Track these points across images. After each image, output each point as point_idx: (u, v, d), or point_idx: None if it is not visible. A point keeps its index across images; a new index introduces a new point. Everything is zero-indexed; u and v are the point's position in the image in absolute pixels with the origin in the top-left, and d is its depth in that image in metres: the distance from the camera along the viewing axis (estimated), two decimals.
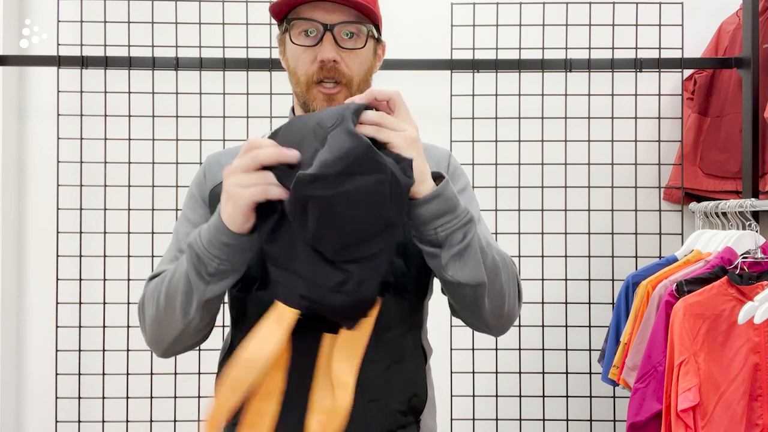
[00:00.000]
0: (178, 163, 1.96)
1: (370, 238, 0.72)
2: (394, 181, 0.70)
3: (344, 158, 0.68)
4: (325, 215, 0.70)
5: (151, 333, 0.90)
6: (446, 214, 0.78)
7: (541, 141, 1.98)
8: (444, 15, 2.01)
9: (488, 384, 1.96)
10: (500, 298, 0.87)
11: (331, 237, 0.72)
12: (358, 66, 0.94)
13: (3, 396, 1.99)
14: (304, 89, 0.94)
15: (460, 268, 0.81)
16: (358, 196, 0.69)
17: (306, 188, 0.69)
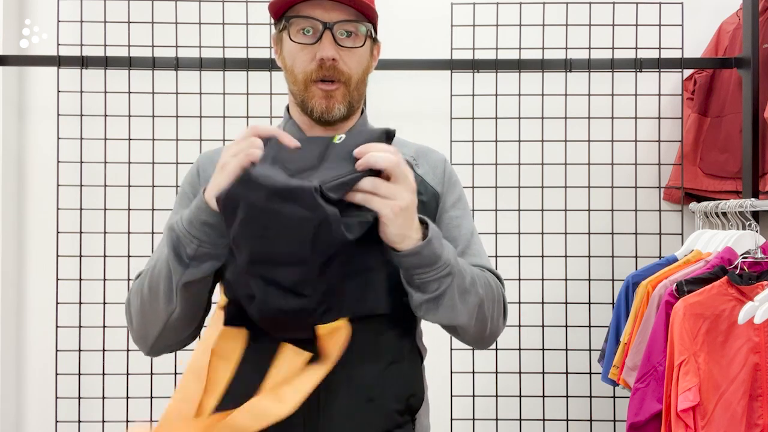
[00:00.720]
0: (178, 163, 1.96)
1: (278, 264, 0.74)
2: (324, 227, 0.72)
3: (289, 186, 0.72)
4: (247, 221, 0.73)
5: (137, 327, 0.90)
6: (423, 266, 0.81)
7: (541, 141, 1.98)
8: (444, 15, 2.01)
9: (488, 384, 1.96)
10: (481, 327, 0.90)
11: (245, 246, 0.75)
12: (356, 65, 0.95)
13: (3, 396, 1.99)
14: (302, 87, 0.94)
15: (432, 311, 0.84)
16: (281, 220, 0.72)
17: (245, 187, 0.73)
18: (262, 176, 0.73)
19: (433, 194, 1.01)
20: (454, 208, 1.03)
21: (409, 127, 2.09)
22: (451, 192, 1.03)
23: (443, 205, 1.02)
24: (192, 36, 1.97)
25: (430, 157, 1.05)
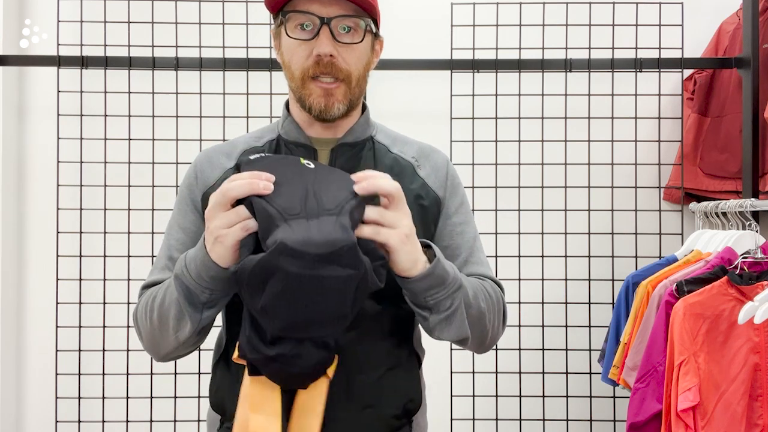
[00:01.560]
0: (178, 163, 1.96)
1: (319, 325, 0.73)
2: (363, 281, 0.72)
3: (331, 245, 0.70)
4: (287, 292, 0.70)
5: (148, 344, 0.91)
6: (436, 287, 0.82)
7: (541, 141, 1.98)
8: (444, 15, 2.01)
9: (488, 384, 1.96)
10: (483, 336, 0.91)
11: (283, 314, 0.72)
12: (356, 61, 0.91)
13: (3, 396, 1.99)
14: (300, 84, 0.91)
15: (446, 329, 0.85)
16: (328, 283, 0.70)
17: (280, 259, 0.69)
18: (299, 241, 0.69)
19: (435, 199, 0.99)
20: (457, 213, 1.01)
21: (409, 127, 2.08)
22: (453, 196, 1.01)
23: (446, 211, 1.00)
24: (192, 36, 1.97)
25: (432, 158, 1.03)
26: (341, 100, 0.92)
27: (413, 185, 0.97)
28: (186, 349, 0.90)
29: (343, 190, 0.76)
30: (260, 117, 1.95)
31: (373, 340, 0.89)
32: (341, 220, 0.72)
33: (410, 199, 0.92)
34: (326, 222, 0.72)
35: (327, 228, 0.71)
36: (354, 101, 0.94)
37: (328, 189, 0.76)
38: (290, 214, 0.72)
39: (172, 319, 0.83)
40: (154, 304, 0.86)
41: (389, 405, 0.90)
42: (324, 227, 0.71)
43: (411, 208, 0.85)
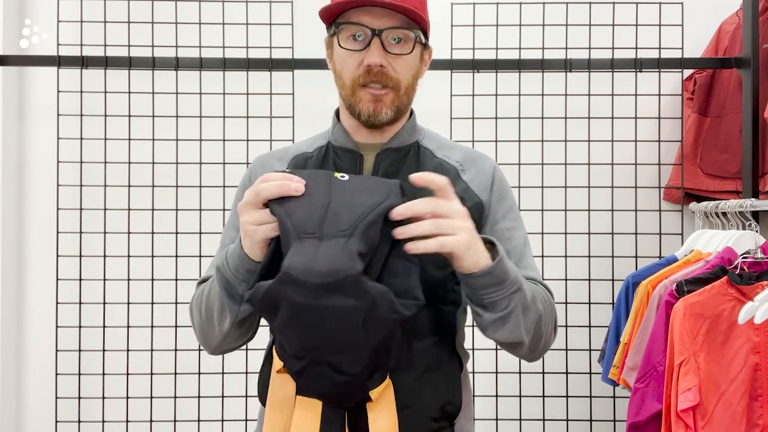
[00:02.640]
0: (178, 163, 1.96)
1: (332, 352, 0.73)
2: (372, 311, 0.71)
3: (332, 275, 0.70)
4: (294, 320, 0.72)
5: (199, 337, 0.95)
6: (494, 286, 0.82)
7: (541, 141, 1.98)
8: (444, 15, 2.01)
9: (488, 384, 1.96)
10: (537, 340, 0.91)
11: (295, 339, 0.74)
12: (405, 70, 0.95)
13: (3, 396, 1.99)
14: (350, 92, 0.95)
15: (500, 329, 0.86)
16: (330, 313, 0.71)
17: (285, 288, 0.71)
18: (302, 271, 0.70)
19: (478, 203, 0.99)
20: (505, 219, 1.01)
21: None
22: (501, 201, 1.02)
23: (494, 216, 1.01)
24: (192, 36, 1.97)
25: (478, 163, 1.03)
26: (389, 106, 0.95)
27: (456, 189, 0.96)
28: (233, 342, 0.93)
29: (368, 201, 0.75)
30: (260, 117, 1.95)
31: (410, 340, 0.89)
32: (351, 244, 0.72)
33: None
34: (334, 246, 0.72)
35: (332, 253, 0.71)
36: (402, 108, 0.97)
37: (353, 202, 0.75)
38: (305, 233, 0.73)
39: (216, 311, 0.88)
40: (203, 297, 0.91)
41: (427, 406, 0.90)
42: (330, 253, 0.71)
43: None
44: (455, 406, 0.94)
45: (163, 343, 1.93)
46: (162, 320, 1.92)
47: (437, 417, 0.91)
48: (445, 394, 0.93)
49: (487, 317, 0.85)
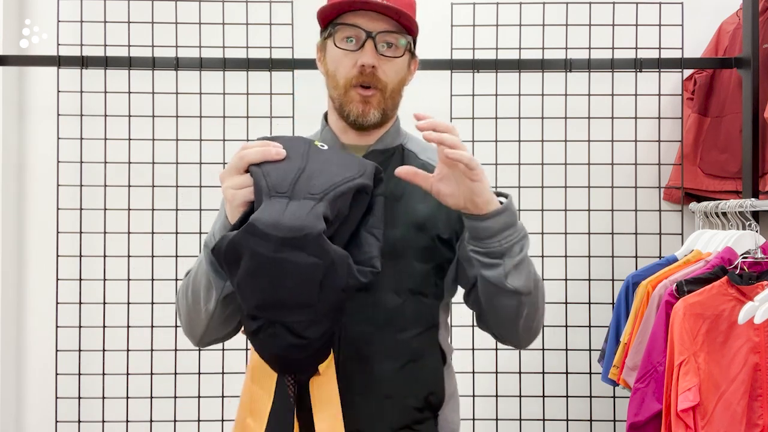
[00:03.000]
0: (178, 163, 1.96)
1: (287, 309, 0.75)
2: (330, 272, 0.73)
3: (296, 231, 0.72)
4: (254, 271, 0.74)
5: (185, 325, 0.97)
6: (510, 227, 0.89)
7: (541, 141, 1.98)
8: (444, 15, 2.01)
9: (488, 384, 1.96)
10: (535, 311, 0.95)
11: (253, 293, 0.76)
12: (394, 74, 0.99)
13: (3, 396, 1.99)
14: (342, 92, 0.98)
15: (517, 276, 0.90)
16: (290, 267, 0.73)
17: (249, 239, 0.73)
18: (267, 224, 0.73)
19: None
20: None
21: (409, 127, 2.09)
22: None
23: None
24: (192, 36, 1.97)
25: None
26: (376, 107, 0.98)
27: None
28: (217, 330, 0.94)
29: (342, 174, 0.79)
30: (260, 117, 1.95)
31: (393, 331, 0.93)
32: (318, 207, 0.75)
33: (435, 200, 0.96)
34: (303, 205, 0.75)
35: (300, 212, 0.74)
36: (388, 111, 1.01)
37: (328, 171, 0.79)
38: (277, 192, 0.76)
39: (203, 290, 0.90)
40: (189, 281, 0.94)
41: (409, 396, 0.94)
42: (297, 211, 0.74)
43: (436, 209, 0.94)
44: (438, 398, 0.98)
45: (163, 343, 1.93)
46: (162, 320, 1.92)
47: (420, 407, 0.95)
48: (427, 385, 0.96)
49: (507, 264, 0.88)
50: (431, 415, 0.98)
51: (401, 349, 0.95)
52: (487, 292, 0.93)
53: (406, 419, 0.94)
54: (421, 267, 0.96)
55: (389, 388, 0.93)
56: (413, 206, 0.97)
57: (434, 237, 0.97)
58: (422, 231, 0.97)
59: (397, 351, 0.94)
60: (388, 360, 0.93)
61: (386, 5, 0.94)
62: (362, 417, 0.91)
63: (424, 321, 0.98)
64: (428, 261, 0.96)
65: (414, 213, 0.97)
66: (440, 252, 0.98)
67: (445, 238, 0.98)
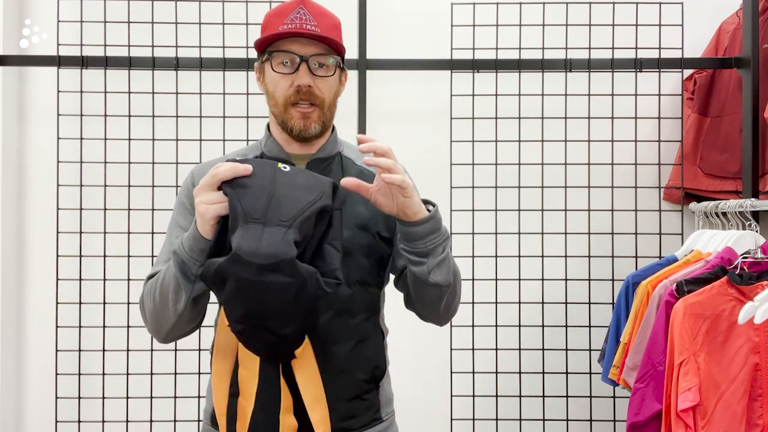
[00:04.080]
0: (178, 163, 1.96)
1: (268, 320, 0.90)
2: (303, 288, 0.88)
3: (273, 257, 0.86)
4: (239, 292, 0.88)
5: (151, 324, 1.07)
6: (434, 232, 1.02)
7: (541, 141, 1.98)
8: (444, 15, 2.01)
9: (488, 384, 1.96)
10: (453, 297, 1.11)
11: (238, 309, 0.90)
12: (328, 90, 1.10)
13: (3, 396, 1.99)
14: (282, 110, 1.09)
15: (439, 272, 1.04)
16: (270, 288, 0.87)
17: (233, 266, 0.86)
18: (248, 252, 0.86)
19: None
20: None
21: (409, 127, 2.10)
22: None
23: None
24: (192, 36, 1.97)
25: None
26: (316, 121, 1.10)
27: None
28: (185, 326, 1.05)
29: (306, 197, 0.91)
30: (260, 117, 1.95)
31: (345, 317, 1.09)
32: (289, 234, 0.88)
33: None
34: (276, 233, 0.88)
35: (274, 240, 0.87)
36: (326, 123, 1.13)
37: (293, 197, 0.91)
38: (252, 218, 0.88)
39: (172, 292, 0.99)
40: (157, 284, 1.02)
41: (360, 371, 1.10)
42: (272, 239, 0.87)
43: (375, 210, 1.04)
44: (381, 371, 1.15)
45: None
46: None
47: (368, 380, 1.12)
48: (373, 361, 1.13)
49: (430, 263, 1.03)
50: (375, 387, 1.14)
51: (353, 332, 1.10)
52: (414, 284, 1.08)
53: (357, 390, 1.10)
54: (366, 261, 1.11)
55: (344, 366, 1.08)
56: (356, 209, 1.10)
57: (375, 235, 1.12)
58: (365, 230, 1.11)
59: (350, 334, 1.09)
60: (343, 342, 1.08)
61: (316, 34, 1.06)
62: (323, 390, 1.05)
63: (369, 307, 1.13)
64: (372, 256, 1.11)
65: (357, 215, 1.10)
66: (381, 247, 1.13)
67: (384, 236, 1.13)
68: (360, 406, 1.11)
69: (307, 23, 1.07)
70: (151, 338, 1.92)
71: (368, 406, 1.13)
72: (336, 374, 1.07)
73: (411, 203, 0.99)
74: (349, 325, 1.10)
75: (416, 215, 1.00)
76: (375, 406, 1.14)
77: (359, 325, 1.11)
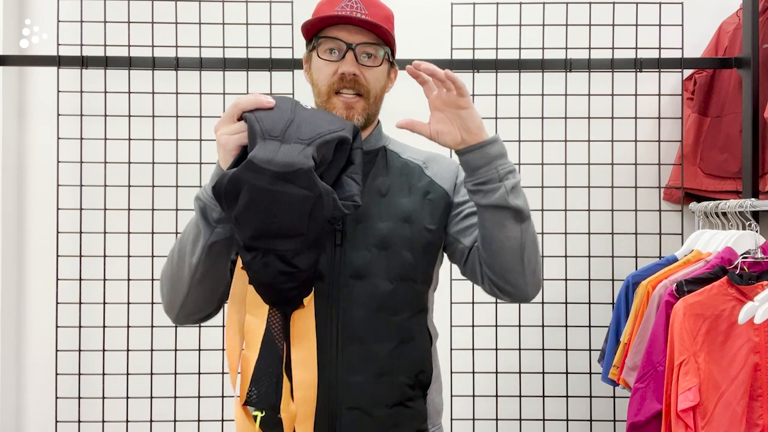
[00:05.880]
0: (178, 163, 1.96)
1: (280, 237, 0.86)
2: (318, 203, 0.84)
3: (288, 166, 0.83)
4: (252, 203, 0.84)
5: (167, 292, 1.01)
6: (503, 156, 0.99)
7: (541, 141, 1.98)
8: (444, 15, 2.01)
9: (488, 384, 1.96)
10: (535, 247, 1.03)
11: (250, 223, 0.85)
12: (375, 81, 1.06)
13: (3, 396, 1.99)
14: (325, 98, 1.05)
15: (517, 196, 1.00)
16: (283, 198, 0.83)
17: (247, 174, 0.83)
18: (264, 160, 0.83)
19: (442, 192, 1.11)
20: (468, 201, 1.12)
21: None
22: (462, 188, 1.13)
23: (456, 201, 1.13)
24: (192, 36, 1.97)
25: (441, 161, 1.15)
26: (360, 113, 1.05)
27: (421, 183, 1.11)
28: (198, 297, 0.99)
29: (327, 126, 0.89)
30: None
31: (386, 314, 1.02)
32: (308, 150, 0.85)
33: (419, 194, 1.09)
34: (294, 148, 0.85)
35: (292, 152, 0.84)
36: (371, 116, 1.08)
37: (314, 123, 0.89)
38: (270, 135, 0.86)
39: (190, 243, 0.96)
40: (176, 243, 1.00)
41: (402, 374, 1.03)
42: (290, 151, 0.84)
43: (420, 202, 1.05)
44: (427, 376, 1.07)
45: (163, 343, 1.93)
46: (162, 320, 1.91)
47: (411, 384, 1.04)
48: (418, 365, 1.05)
49: (507, 184, 0.99)
50: (421, 394, 1.06)
51: (394, 331, 1.03)
52: (491, 226, 1.00)
53: (400, 396, 1.02)
54: (409, 255, 1.04)
55: (384, 367, 1.01)
56: (398, 201, 1.06)
57: (420, 228, 1.06)
58: (408, 222, 1.06)
59: (391, 333, 1.03)
60: (383, 341, 1.02)
61: (365, 20, 1.02)
62: (361, 394, 1.00)
63: (414, 305, 1.06)
64: (416, 249, 1.05)
65: (399, 207, 1.06)
66: (427, 240, 1.07)
67: (430, 227, 1.07)
68: (404, 414, 1.03)
69: (358, 11, 1.03)
70: (151, 338, 1.93)
71: (414, 415, 1.04)
72: (376, 376, 1.00)
73: (473, 114, 0.96)
74: (390, 323, 1.03)
75: (480, 131, 0.97)
76: (421, 416, 1.05)
77: (402, 324, 1.04)
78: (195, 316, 1.03)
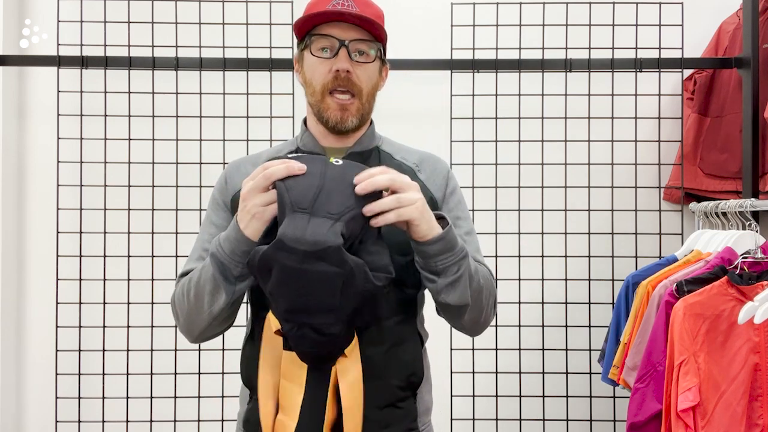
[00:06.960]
0: (178, 163, 1.96)
1: (313, 313, 0.85)
2: (349, 279, 0.83)
3: (318, 245, 0.82)
4: (283, 281, 0.83)
5: (184, 325, 1.03)
6: (446, 252, 0.94)
7: (541, 141, 1.98)
8: (444, 15, 2.01)
9: (488, 384, 1.96)
10: (478, 313, 1.03)
11: (283, 300, 0.85)
12: (367, 79, 1.06)
13: (3, 396, 1.99)
14: (319, 98, 1.05)
15: (451, 293, 0.97)
16: (314, 276, 0.82)
17: (277, 253, 0.83)
18: (293, 239, 0.82)
19: (431, 199, 1.10)
20: (454, 210, 1.13)
21: (409, 127, 2.10)
22: (451, 198, 1.13)
23: (446, 207, 1.12)
24: (192, 36, 1.97)
25: (433, 165, 1.15)
26: (354, 114, 1.06)
27: None
28: (217, 327, 1.02)
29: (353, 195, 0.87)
30: (260, 117, 1.95)
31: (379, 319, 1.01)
32: (336, 226, 0.83)
33: None
34: (324, 224, 0.83)
35: (321, 229, 0.83)
36: (365, 116, 1.09)
37: (342, 191, 0.86)
38: (299, 207, 0.84)
39: (207, 294, 0.96)
40: (191, 285, 0.99)
41: (394, 377, 1.03)
42: (319, 228, 0.83)
43: None
44: (418, 377, 1.07)
45: (163, 343, 1.93)
46: (162, 320, 1.92)
47: (403, 386, 1.04)
48: (409, 367, 1.05)
49: (440, 282, 0.96)
50: (411, 394, 1.06)
51: (386, 334, 1.03)
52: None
53: (391, 398, 1.03)
54: (401, 260, 1.02)
55: (377, 371, 1.00)
56: None
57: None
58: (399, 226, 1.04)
59: (383, 336, 1.02)
60: (375, 345, 1.01)
61: (358, 15, 1.02)
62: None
63: (405, 309, 1.06)
64: (407, 254, 1.02)
65: None
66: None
67: None
68: (394, 414, 1.03)
69: (350, 8, 1.03)
70: (151, 338, 1.93)
71: (404, 414, 1.05)
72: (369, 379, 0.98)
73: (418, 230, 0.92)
74: (383, 327, 1.02)
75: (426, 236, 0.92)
76: (411, 415, 1.06)
77: (394, 328, 1.04)
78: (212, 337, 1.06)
